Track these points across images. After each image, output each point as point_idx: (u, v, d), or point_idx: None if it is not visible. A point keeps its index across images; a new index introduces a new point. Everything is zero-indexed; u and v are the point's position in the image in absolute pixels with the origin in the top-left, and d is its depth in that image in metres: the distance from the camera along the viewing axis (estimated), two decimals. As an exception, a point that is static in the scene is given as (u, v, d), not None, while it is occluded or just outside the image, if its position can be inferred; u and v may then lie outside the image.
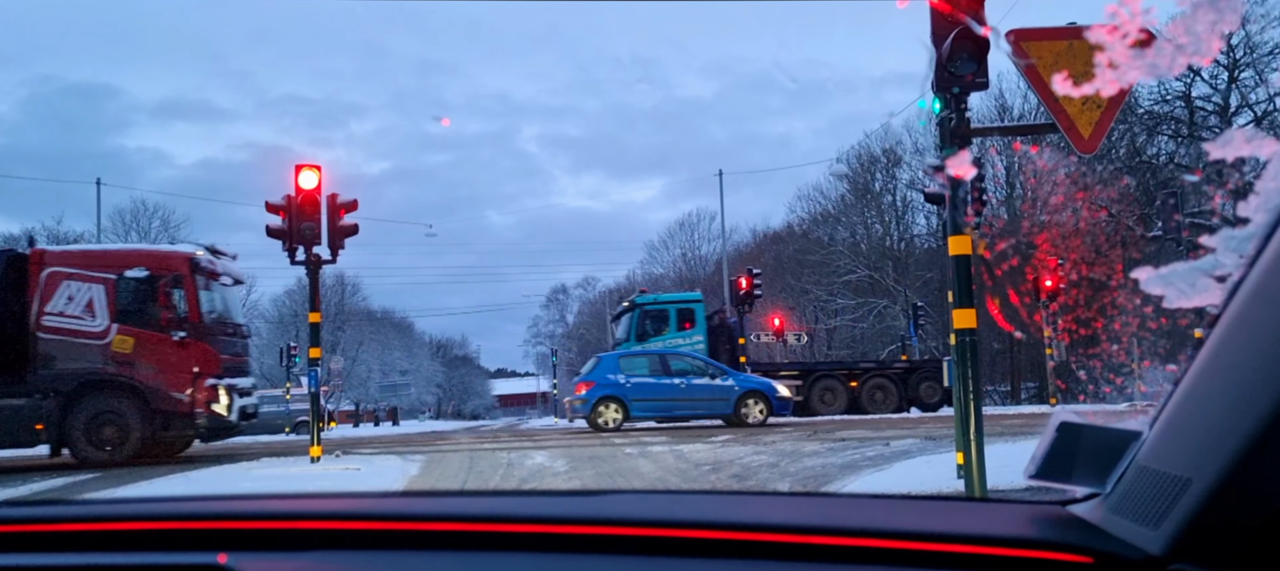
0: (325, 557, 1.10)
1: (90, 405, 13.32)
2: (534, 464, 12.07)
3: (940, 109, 6.80)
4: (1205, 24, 0.77)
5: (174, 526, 1.17)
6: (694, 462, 11.54)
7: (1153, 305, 0.94)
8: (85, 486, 11.30)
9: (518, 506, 1.30)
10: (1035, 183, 30.10)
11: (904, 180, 40.55)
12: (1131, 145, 31.24)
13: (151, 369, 13.57)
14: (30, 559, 1.12)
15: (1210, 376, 0.90)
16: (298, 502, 1.28)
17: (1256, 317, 0.83)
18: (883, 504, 1.33)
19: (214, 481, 11.02)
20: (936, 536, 1.05)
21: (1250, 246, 0.84)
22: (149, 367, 13.57)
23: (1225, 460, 0.84)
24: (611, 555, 1.10)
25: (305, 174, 11.37)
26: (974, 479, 6.60)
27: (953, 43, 6.47)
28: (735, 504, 1.45)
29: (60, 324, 13.56)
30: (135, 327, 13.60)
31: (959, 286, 6.91)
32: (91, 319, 13.52)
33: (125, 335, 13.49)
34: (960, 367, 6.85)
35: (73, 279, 13.63)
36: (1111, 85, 0.86)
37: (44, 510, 1.26)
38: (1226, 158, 0.85)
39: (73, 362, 13.47)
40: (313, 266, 11.67)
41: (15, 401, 13.38)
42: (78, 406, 13.37)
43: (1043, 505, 1.17)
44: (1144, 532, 0.95)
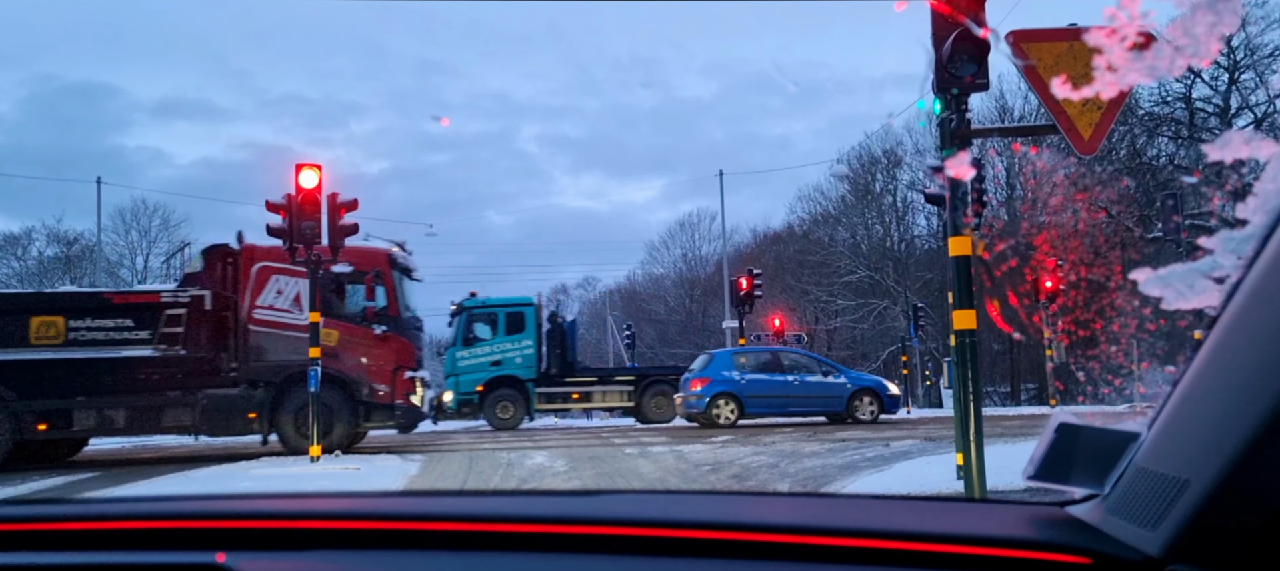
0: (324, 557, 1.10)
1: (298, 396, 13.62)
2: (534, 464, 12.06)
3: (940, 110, 6.81)
4: (1204, 26, 0.77)
5: (172, 525, 1.17)
6: (693, 463, 11.54)
7: (1151, 306, 0.94)
8: (84, 485, 11.31)
9: (517, 506, 1.30)
10: (1034, 184, 30.12)
11: (904, 181, 40.58)
12: (1132, 147, 31.25)
13: (355, 361, 14.09)
14: (30, 557, 1.12)
15: (1208, 378, 0.90)
16: (296, 502, 1.28)
17: (1255, 319, 0.83)
18: (882, 504, 1.33)
19: (213, 481, 11.02)
20: (935, 537, 1.05)
21: (1248, 248, 0.84)
22: (352, 360, 14.08)
23: (1223, 461, 0.84)
24: (611, 555, 1.10)
25: (305, 173, 11.37)
26: (973, 480, 6.60)
27: (953, 44, 6.47)
28: (734, 504, 1.45)
29: (270, 317, 14.09)
30: (339, 321, 14.12)
31: (959, 287, 6.91)
32: (298, 312, 13.91)
33: (330, 328, 13.82)
34: (960, 368, 6.86)
35: (280, 273, 14.04)
36: (1111, 87, 0.87)
37: (43, 509, 1.26)
38: (1225, 159, 0.86)
39: (282, 354, 13.93)
40: (314, 265, 11.67)
41: (230, 391, 13.90)
42: (287, 397, 13.84)
43: (1041, 506, 1.17)
44: (1142, 533, 0.95)
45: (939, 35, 6.59)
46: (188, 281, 14.51)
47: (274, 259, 13.99)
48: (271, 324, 14.06)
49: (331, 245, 11.67)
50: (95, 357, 13.45)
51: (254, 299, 14.10)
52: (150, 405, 13.75)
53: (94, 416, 13.53)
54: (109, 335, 13.59)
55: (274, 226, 11.47)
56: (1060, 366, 23.64)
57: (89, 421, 13.62)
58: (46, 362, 13.47)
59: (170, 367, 13.73)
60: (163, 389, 13.79)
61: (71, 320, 13.60)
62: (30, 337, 13.50)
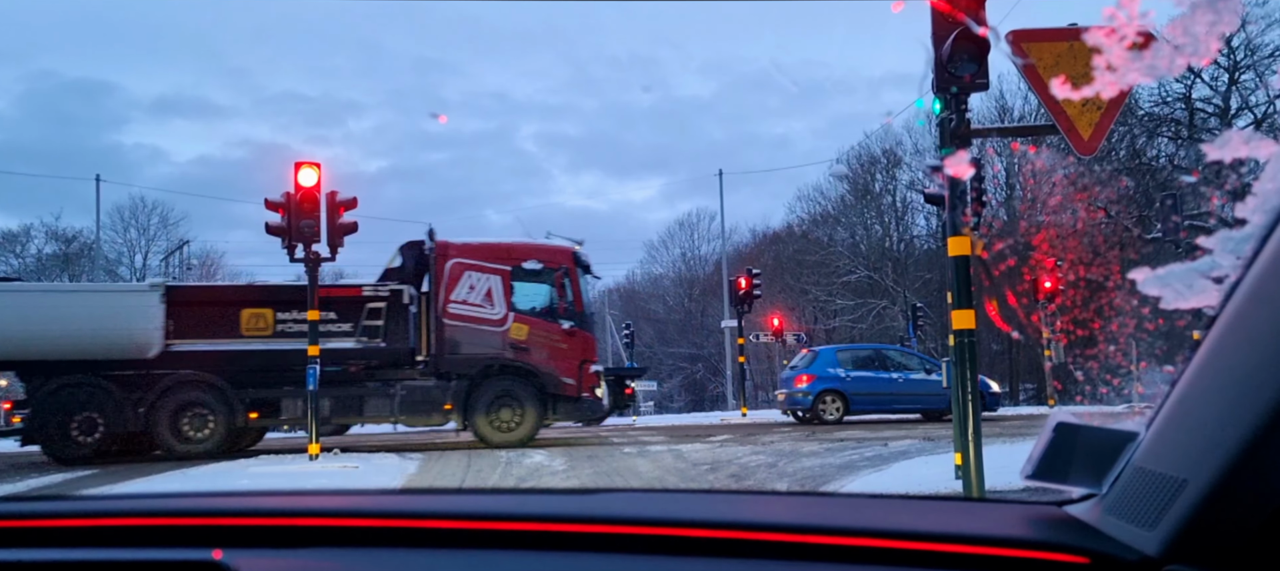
0: (321, 554, 1.10)
1: (491, 388, 14.26)
2: (532, 462, 12.06)
3: (940, 110, 6.81)
4: (1203, 25, 0.77)
5: (170, 522, 1.17)
6: (692, 462, 11.54)
7: (1150, 306, 0.94)
8: (83, 483, 11.30)
9: (515, 504, 1.30)
10: (1033, 183, 30.13)
11: (904, 181, 40.56)
12: (1131, 147, 31.25)
13: (544, 355, 14.54)
14: (29, 553, 1.12)
15: (1207, 378, 0.90)
16: (294, 499, 1.28)
17: (1253, 319, 0.83)
18: (880, 504, 1.33)
19: (211, 479, 11.02)
20: (933, 536, 1.05)
21: (1247, 248, 0.84)
22: (542, 353, 14.53)
23: (1221, 461, 0.84)
24: (609, 554, 1.10)
25: (305, 171, 11.36)
26: (972, 479, 6.60)
27: (953, 43, 6.47)
28: (733, 503, 1.45)
29: (463, 311, 14.51)
30: (529, 316, 14.56)
31: (958, 287, 6.91)
32: (490, 307, 14.46)
33: (521, 323, 14.42)
34: (959, 368, 6.86)
35: (473, 270, 14.55)
36: (1111, 86, 0.86)
37: (43, 505, 1.26)
38: (1224, 159, 0.85)
39: (475, 348, 14.41)
40: (312, 264, 11.66)
41: (426, 383, 14.35)
42: (480, 389, 14.29)
43: (1039, 505, 1.17)
44: (1140, 533, 0.95)
45: (939, 34, 6.59)
46: (386, 276, 14.85)
47: (467, 255, 14.63)
48: (464, 318, 14.49)
49: (331, 244, 11.66)
50: (301, 349, 13.74)
51: (448, 294, 14.52)
52: (353, 395, 14.23)
53: (301, 405, 13.82)
54: None
55: (273, 224, 11.46)
56: (1058, 366, 23.65)
57: (296, 410, 14.03)
58: (256, 353, 13.95)
59: (370, 359, 14.22)
60: (363, 379, 14.29)
61: (279, 313, 14.08)
62: (241, 329, 14.03)
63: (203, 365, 13.85)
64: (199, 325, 13.93)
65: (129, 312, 13.61)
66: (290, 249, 11.46)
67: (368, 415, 14.52)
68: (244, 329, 14.03)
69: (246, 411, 13.96)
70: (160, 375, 13.73)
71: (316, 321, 11.97)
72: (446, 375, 14.38)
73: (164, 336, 13.68)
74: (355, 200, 11.76)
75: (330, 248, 11.67)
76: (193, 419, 13.85)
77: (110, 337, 13.41)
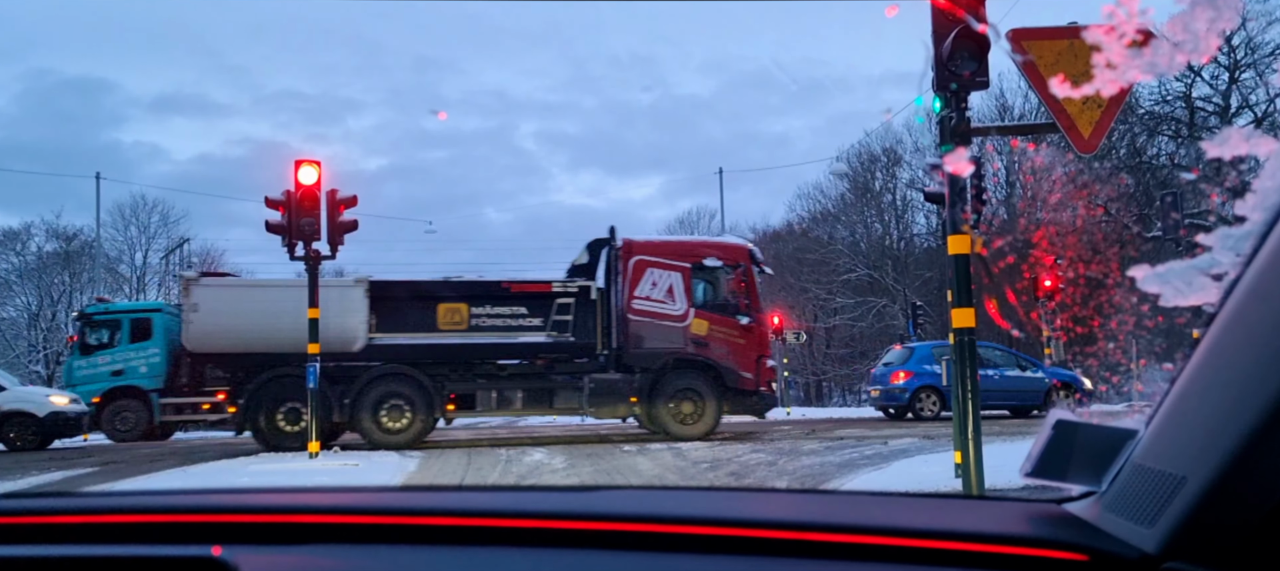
0: (321, 551, 1.10)
1: (673, 382, 14.62)
2: (532, 460, 12.06)
3: (940, 108, 6.80)
4: (1203, 22, 0.77)
5: (170, 520, 1.17)
6: (692, 460, 11.54)
7: (1150, 304, 0.94)
8: (84, 480, 11.31)
9: (515, 501, 1.30)
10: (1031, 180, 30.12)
11: (904, 179, 40.55)
12: (1132, 145, 31.24)
13: (723, 350, 14.84)
14: (30, 550, 1.12)
15: (1206, 375, 0.90)
16: (293, 496, 1.28)
17: (1252, 316, 0.83)
18: (879, 501, 1.33)
19: (211, 476, 11.02)
20: (932, 533, 1.05)
21: (1247, 245, 0.84)
22: (721, 348, 14.84)
23: (1220, 458, 0.84)
24: (609, 551, 1.10)
25: (305, 169, 11.36)
26: (971, 477, 6.61)
27: (953, 41, 6.47)
28: (732, 500, 1.45)
29: (646, 307, 14.83)
30: (709, 312, 14.87)
31: (958, 285, 6.91)
32: (672, 303, 14.78)
33: (701, 318, 14.74)
34: (959, 366, 6.86)
35: (655, 267, 14.89)
36: (1111, 85, 0.86)
37: (43, 502, 1.26)
38: (1224, 157, 0.85)
39: (658, 342, 14.72)
40: (312, 262, 11.66)
41: (612, 376, 14.69)
42: (663, 383, 14.63)
43: (1039, 503, 1.17)
44: (1139, 531, 0.95)
45: (939, 32, 6.59)
46: (573, 273, 15.19)
47: (649, 253, 15.04)
48: (647, 313, 14.80)
49: (331, 242, 11.66)
50: (495, 343, 14.47)
51: (632, 290, 14.82)
52: (543, 387, 14.70)
53: (495, 397, 14.54)
54: (506, 322, 14.57)
55: (273, 223, 11.46)
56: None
57: (490, 402, 14.62)
58: (453, 346, 14.43)
59: (559, 353, 14.63)
60: (552, 372, 14.72)
61: (474, 307, 14.53)
62: (438, 323, 14.45)
63: (403, 358, 14.37)
64: (399, 319, 14.39)
65: (336, 307, 13.92)
66: (290, 247, 11.46)
67: (557, 407, 14.99)
68: (440, 323, 14.46)
69: (444, 402, 14.48)
70: (363, 367, 14.21)
71: (316, 320, 11.96)
72: (629, 368, 14.71)
73: (368, 330, 14.18)
74: (355, 198, 11.76)
75: (330, 246, 11.67)
76: (390, 410, 14.28)
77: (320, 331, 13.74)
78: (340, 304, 14.03)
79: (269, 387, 14.08)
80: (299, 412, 13.85)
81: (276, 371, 14.01)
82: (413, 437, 14.23)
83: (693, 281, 14.92)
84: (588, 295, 14.65)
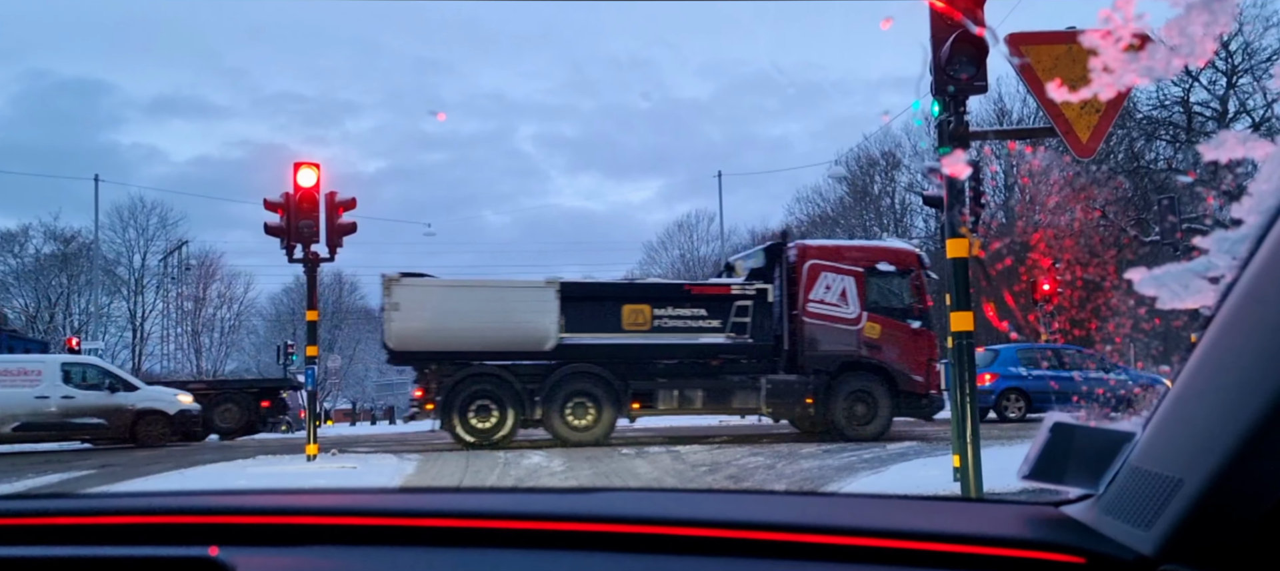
0: (319, 552, 1.10)
1: (848, 384, 14.84)
2: (530, 463, 12.05)
3: (939, 111, 6.81)
4: (1199, 26, 0.77)
5: (168, 521, 1.17)
6: (691, 463, 11.53)
7: (1146, 307, 0.94)
8: (82, 482, 11.30)
9: (513, 503, 1.30)
10: (1029, 182, 30.15)
11: (902, 183, 40.59)
12: (1130, 150, 31.28)
13: (895, 352, 15.06)
14: (28, 550, 1.12)
15: (1203, 378, 0.90)
16: (291, 498, 1.28)
17: (1248, 319, 0.83)
18: (877, 503, 1.33)
19: (209, 478, 11.01)
20: (930, 536, 1.05)
21: (1243, 248, 0.84)
22: (893, 351, 15.07)
23: (1217, 461, 0.85)
24: (607, 552, 1.10)
25: (304, 172, 11.36)
26: (970, 481, 6.60)
27: (952, 45, 6.48)
28: (730, 503, 1.45)
29: (821, 310, 15.03)
30: (881, 316, 15.09)
31: (956, 289, 6.92)
32: (845, 307, 15.00)
33: (874, 322, 14.98)
34: (958, 370, 6.86)
35: (829, 271, 15.12)
36: (1108, 89, 0.87)
37: (42, 504, 1.26)
38: (1220, 160, 0.86)
39: (832, 345, 14.94)
40: (311, 264, 11.65)
41: (790, 378, 14.92)
42: (837, 385, 14.85)
43: (1036, 506, 1.17)
44: (1136, 533, 0.95)
45: (938, 36, 6.60)
46: (751, 277, 15.35)
47: (824, 257, 15.28)
48: (822, 316, 14.99)
49: (330, 244, 11.66)
50: (676, 343, 14.73)
51: (807, 293, 15.02)
52: (722, 387, 14.86)
53: (676, 396, 14.76)
54: (687, 323, 14.81)
55: (272, 225, 11.46)
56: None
57: (671, 401, 14.83)
58: (637, 346, 14.73)
59: (737, 354, 14.83)
60: (729, 373, 14.90)
61: (656, 309, 14.81)
62: (623, 324, 14.73)
63: (590, 357, 14.62)
64: (587, 320, 14.65)
65: (530, 307, 14.47)
66: (289, 249, 11.45)
67: (736, 406, 15.22)
68: (625, 324, 14.72)
69: (629, 401, 14.75)
70: (554, 366, 14.56)
71: (315, 321, 11.96)
72: (803, 369, 14.89)
73: (558, 330, 14.46)
74: (354, 201, 11.76)
75: (329, 248, 11.67)
76: (576, 407, 14.58)
77: (513, 331, 14.39)
78: (534, 304, 14.52)
79: (463, 384, 14.46)
80: (489, 409, 14.38)
81: (470, 368, 14.45)
82: (599, 435, 14.54)
83: (867, 286, 15.16)
84: (765, 298, 14.86)
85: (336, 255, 11.81)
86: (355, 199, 11.76)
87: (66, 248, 41.43)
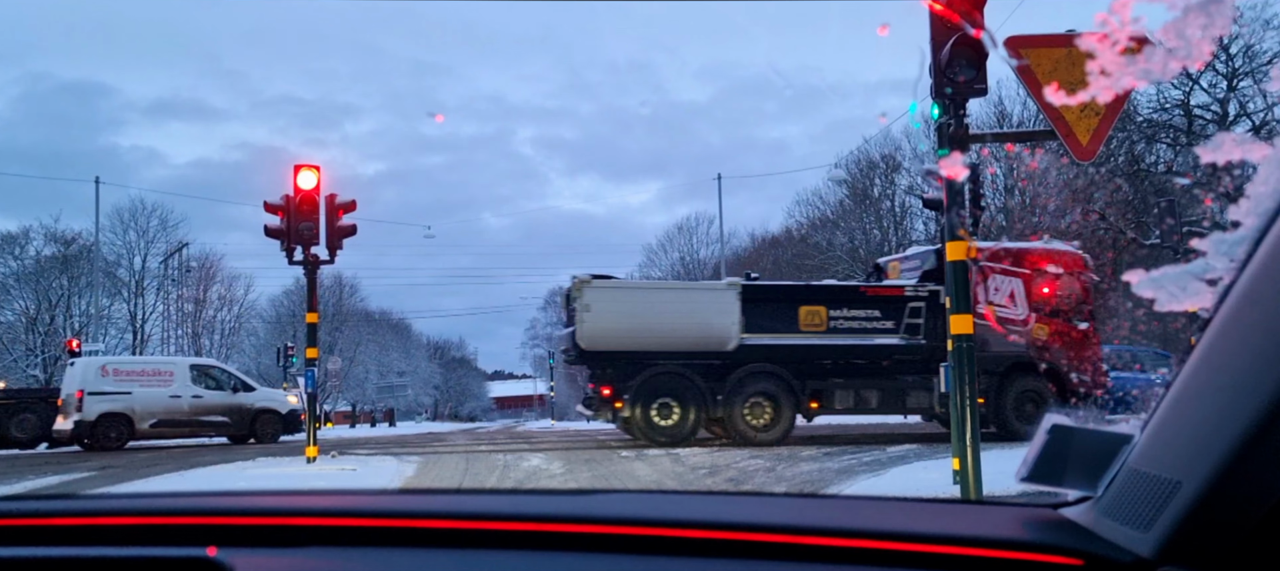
0: (317, 553, 1.10)
1: (1017, 385, 15.13)
2: (530, 466, 12.05)
3: (939, 114, 6.81)
4: (1196, 28, 0.77)
5: (166, 521, 1.17)
6: (690, 466, 11.53)
7: (1145, 309, 0.94)
8: (81, 483, 11.29)
9: (513, 504, 1.30)
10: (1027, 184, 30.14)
11: (902, 186, 40.56)
12: (1130, 153, 31.27)
13: (1062, 353, 15.24)
14: (28, 551, 1.12)
15: (1201, 380, 0.90)
16: (290, 499, 1.28)
17: (1246, 321, 0.83)
18: (875, 505, 1.33)
19: (208, 479, 11.00)
20: (927, 537, 1.05)
21: (1241, 250, 0.84)
22: (1060, 352, 15.24)
23: (1215, 463, 0.85)
24: (606, 554, 1.10)
25: (304, 174, 11.36)
26: (969, 483, 6.60)
27: (952, 48, 6.48)
28: (729, 504, 1.45)
29: (991, 312, 15.13)
30: (1048, 317, 15.36)
31: (956, 292, 6.92)
32: (1015, 308, 15.26)
33: (1042, 324, 15.24)
34: (958, 373, 6.86)
35: (998, 273, 15.33)
36: (1106, 91, 0.87)
37: (41, 504, 1.26)
38: (1218, 162, 0.86)
39: (1002, 346, 15.04)
40: (311, 266, 11.65)
41: None
42: (1007, 386, 15.12)
43: (1035, 508, 1.17)
44: (1134, 535, 0.95)
45: (938, 39, 6.60)
46: (923, 278, 15.55)
47: (993, 260, 15.40)
48: (992, 318, 15.08)
49: (330, 246, 11.65)
50: (852, 344, 15.04)
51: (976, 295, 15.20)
52: (896, 388, 15.16)
53: (852, 396, 15.10)
54: (861, 324, 15.10)
55: (272, 227, 11.45)
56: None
57: (848, 401, 15.17)
58: (813, 347, 14.99)
59: (910, 355, 15.05)
60: (902, 373, 15.18)
61: (832, 310, 15.12)
62: (800, 324, 14.99)
63: (771, 357, 14.83)
64: (766, 320, 14.90)
65: (713, 309, 14.83)
66: (289, 252, 11.45)
67: (909, 406, 15.47)
68: (802, 324, 14.92)
69: (807, 401, 14.98)
70: (734, 365, 14.75)
71: (315, 324, 11.96)
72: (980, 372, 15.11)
73: (739, 330, 14.72)
74: (354, 203, 11.76)
75: (329, 250, 11.66)
76: (754, 407, 14.82)
77: (697, 331, 14.70)
78: (717, 305, 14.88)
79: (647, 383, 14.69)
80: (670, 407, 14.68)
81: (655, 367, 14.68)
82: (777, 435, 14.72)
83: (1033, 286, 15.35)
84: (937, 300, 14.96)
85: (336, 257, 11.81)
86: (355, 201, 11.76)
87: (67, 250, 41.38)
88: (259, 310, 49.53)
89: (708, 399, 14.68)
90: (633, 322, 14.67)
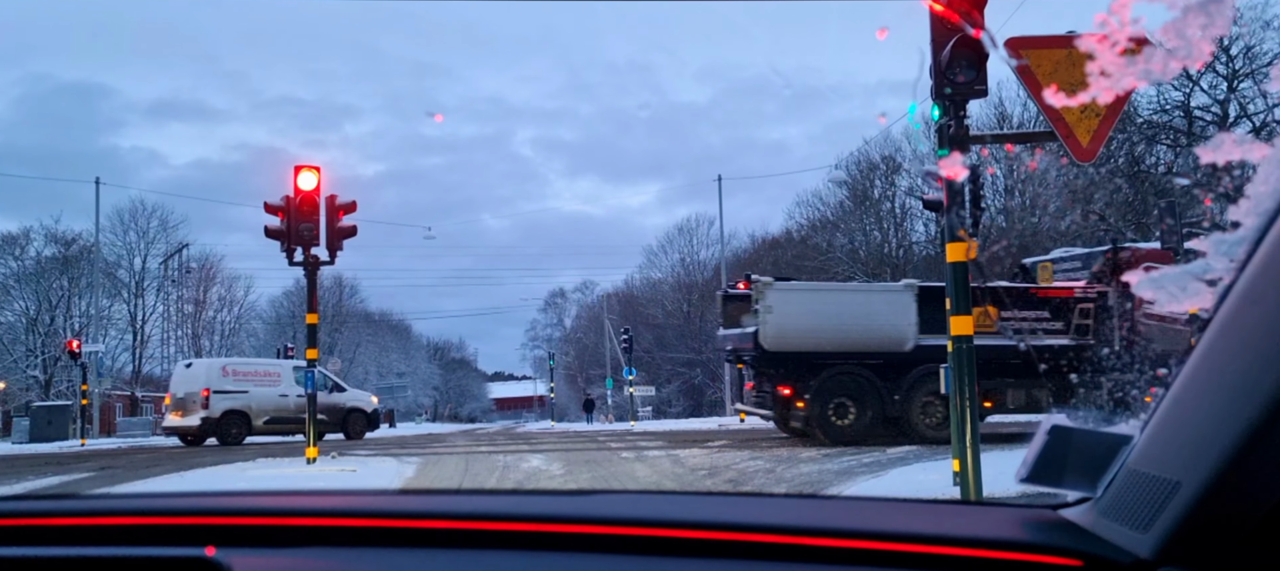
0: (316, 554, 1.10)
1: None
2: (530, 467, 12.05)
3: (939, 115, 6.81)
4: (1196, 28, 0.77)
5: (165, 521, 1.17)
6: (690, 467, 11.53)
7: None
8: (81, 483, 11.29)
9: (512, 505, 1.30)
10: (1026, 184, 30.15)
11: (903, 187, 40.56)
12: (1130, 154, 31.28)
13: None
14: (28, 550, 1.12)
15: (1200, 380, 0.90)
16: (289, 499, 1.28)
17: (1245, 321, 0.83)
18: (874, 506, 1.33)
19: (208, 479, 11.00)
20: (927, 538, 1.05)
21: (1240, 251, 0.84)
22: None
23: (1215, 463, 0.84)
24: (605, 554, 1.10)
25: (304, 175, 11.36)
26: (969, 484, 6.60)
27: (952, 49, 6.48)
28: (729, 505, 1.45)
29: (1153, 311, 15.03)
30: None
31: (956, 293, 6.92)
32: None
33: None
34: (958, 374, 6.86)
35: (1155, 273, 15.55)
36: (1106, 92, 0.87)
37: (41, 504, 1.26)
38: (1217, 162, 0.86)
39: (1166, 345, 14.99)
40: (311, 267, 11.65)
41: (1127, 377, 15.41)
42: None
43: (1034, 509, 1.17)
44: (1134, 536, 0.95)
45: (938, 40, 6.60)
46: (1093, 279, 15.76)
47: (1155, 259, 15.34)
48: (1154, 317, 15.16)
49: (330, 247, 11.65)
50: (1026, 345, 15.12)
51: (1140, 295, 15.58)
52: (1067, 387, 15.11)
53: (1024, 396, 15.24)
54: (1032, 324, 15.25)
55: (272, 228, 11.46)
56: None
57: (1020, 400, 15.27)
58: (987, 347, 14.94)
59: (1079, 355, 15.01)
60: (1072, 373, 15.13)
61: (1002, 311, 15.32)
62: None
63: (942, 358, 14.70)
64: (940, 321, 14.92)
65: (891, 310, 15.00)
66: (289, 252, 11.46)
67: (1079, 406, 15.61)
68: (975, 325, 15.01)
69: (983, 399, 15.08)
70: (911, 366, 14.85)
71: (315, 325, 11.95)
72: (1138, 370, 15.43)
73: (917, 331, 14.88)
74: (354, 204, 11.77)
75: (329, 251, 11.67)
76: (925, 407, 14.96)
77: (877, 332, 14.88)
78: (894, 307, 15.03)
79: (826, 383, 14.88)
80: (846, 407, 14.89)
81: (834, 367, 14.87)
82: None
83: None
84: (1106, 300, 15.20)
85: (336, 258, 11.82)
86: (355, 202, 11.77)
87: (67, 250, 41.40)
88: (259, 311, 49.62)
89: (885, 399, 14.87)
90: (815, 323, 14.83)
